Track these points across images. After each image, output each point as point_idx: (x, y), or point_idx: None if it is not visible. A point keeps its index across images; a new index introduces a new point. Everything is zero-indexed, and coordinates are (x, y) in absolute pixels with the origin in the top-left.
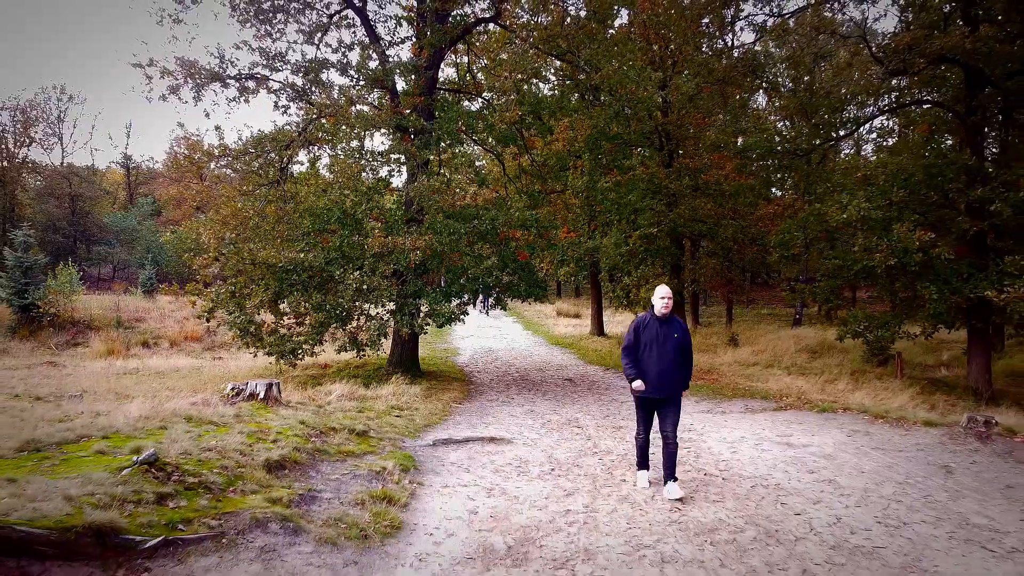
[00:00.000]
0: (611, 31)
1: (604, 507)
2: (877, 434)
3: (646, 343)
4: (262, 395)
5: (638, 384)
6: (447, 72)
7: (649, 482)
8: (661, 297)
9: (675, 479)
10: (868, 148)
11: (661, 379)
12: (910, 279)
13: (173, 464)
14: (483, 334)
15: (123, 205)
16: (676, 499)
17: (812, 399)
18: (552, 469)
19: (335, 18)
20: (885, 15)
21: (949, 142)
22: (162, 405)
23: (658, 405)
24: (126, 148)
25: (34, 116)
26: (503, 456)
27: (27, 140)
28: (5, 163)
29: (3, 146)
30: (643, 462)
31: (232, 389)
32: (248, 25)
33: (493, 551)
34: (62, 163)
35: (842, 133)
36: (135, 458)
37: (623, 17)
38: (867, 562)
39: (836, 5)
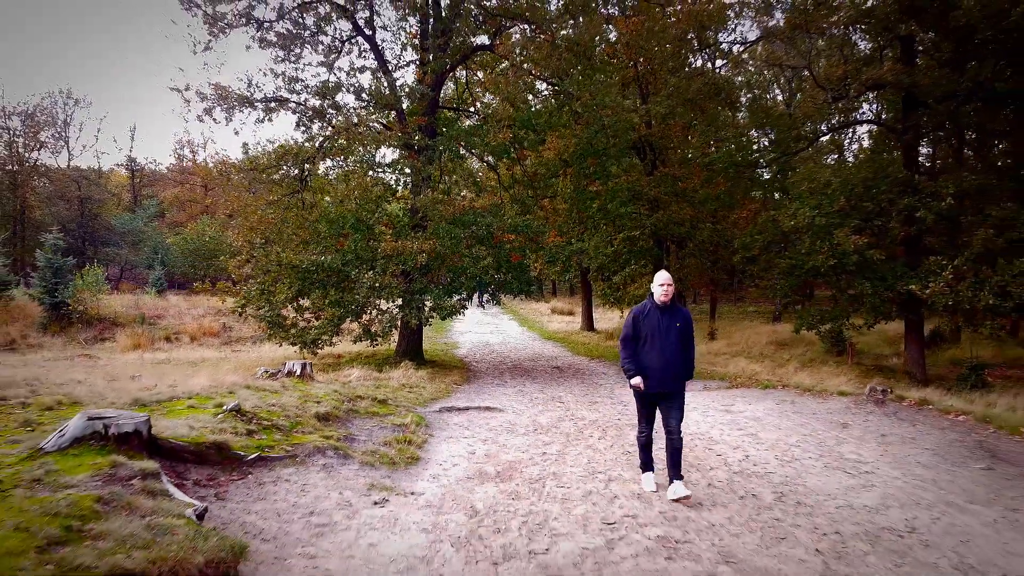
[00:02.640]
0: (600, 46)
1: (572, 451)
2: (800, 403)
3: (646, 334)
4: (299, 372)
5: (636, 381)
6: (447, 85)
7: (656, 485)
8: (660, 284)
9: (680, 478)
10: (849, 156)
11: (665, 372)
12: (849, 277)
13: (251, 413)
14: (481, 330)
15: (127, 207)
16: (684, 496)
17: (760, 379)
18: (535, 429)
19: (346, 45)
20: (829, 48)
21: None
22: (221, 379)
23: (661, 400)
24: (130, 151)
25: (43, 120)
26: (496, 420)
27: (37, 144)
28: (16, 167)
29: (14, 150)
30: (648, 463)
31: (264, 372)
32: (272, 53)
33: (486, 474)
34: (68, 165)
35: (796, 149)
36: (225, 407)
37: (611, 33)
38: (757, 480)
39: (784, 39)
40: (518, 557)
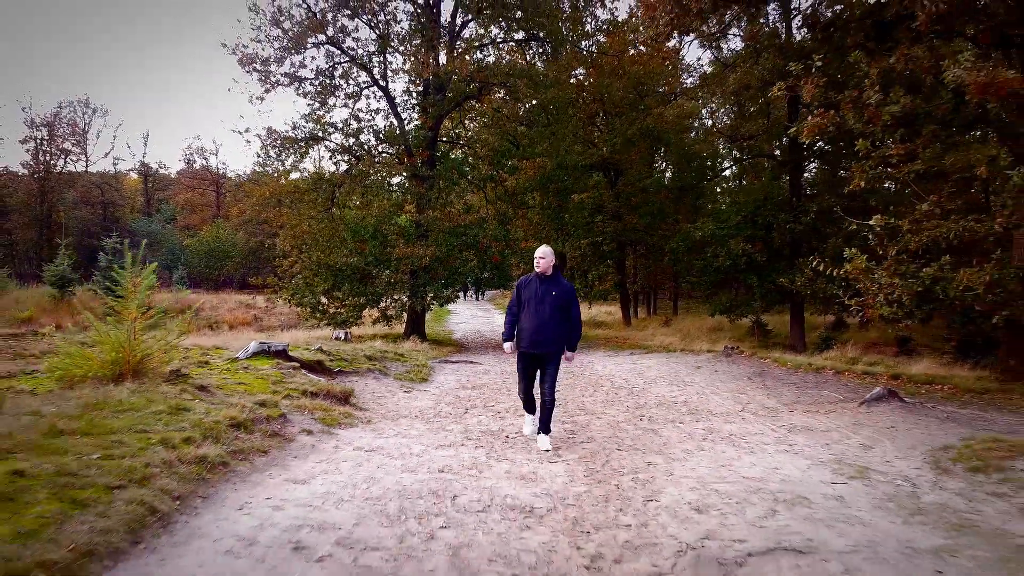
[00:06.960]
0: (551, 107)
1: None
2: (682, 358)
3: (526, 300)
4: (343, 338)
5: (507, 346)
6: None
7: (532, 428)
8: (537, 257)
9: (548, 432)
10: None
11: (537, 335)
12: (742, 274)
13: (328, 351)
14: (474, 322)
15: (140, 210)
16: (545, 449)
17: (671, 348)
18: (502, 372)
19: (364, 91)
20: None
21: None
22: (296, 339)
23: (536, 362)
24: (143, 157)
25: (66, 131)
26: (477, 367)
27: (61, 153)
28: (43, 174)
29: (41, 158)
30: (529, 409)
31: (307, 344)
32: (308, 101)
33: (467, 386)
34: (85, 171)
35: (709, 176)
36: (312, 347)
37: (581, 70)
38: (624, 389)
39: (691, 97)
40: (478, 408)
